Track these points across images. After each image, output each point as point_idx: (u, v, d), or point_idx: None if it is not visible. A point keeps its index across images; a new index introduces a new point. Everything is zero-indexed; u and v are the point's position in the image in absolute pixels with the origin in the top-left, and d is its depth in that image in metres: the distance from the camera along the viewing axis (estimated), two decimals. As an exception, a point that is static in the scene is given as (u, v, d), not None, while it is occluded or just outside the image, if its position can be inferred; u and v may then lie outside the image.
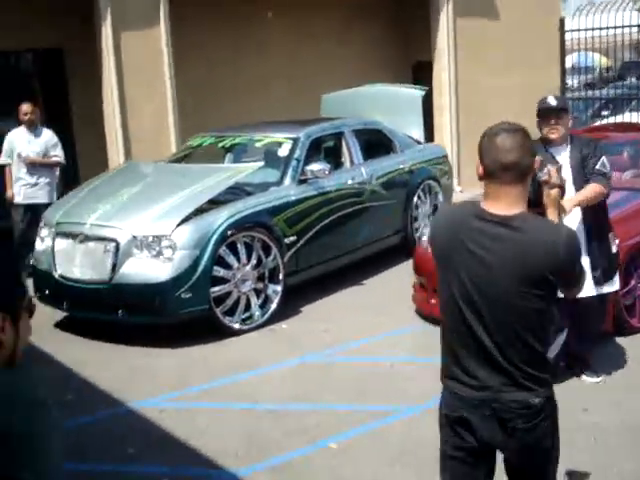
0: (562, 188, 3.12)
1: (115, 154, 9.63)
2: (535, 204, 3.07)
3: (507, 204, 2.66)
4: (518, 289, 2.63)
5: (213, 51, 11.38)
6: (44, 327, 6.99)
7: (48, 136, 8.75)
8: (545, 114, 5.10)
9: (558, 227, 2.87)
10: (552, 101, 5.13)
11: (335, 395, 5.42)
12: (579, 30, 13.47)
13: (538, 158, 2.80)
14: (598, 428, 4.70)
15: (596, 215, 5.12)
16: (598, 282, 5.13)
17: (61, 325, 7.12)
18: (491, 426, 2.71)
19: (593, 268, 5.05)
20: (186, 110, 10.17)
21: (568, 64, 17.24)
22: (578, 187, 5.03)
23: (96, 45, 9.65)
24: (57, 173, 8.89)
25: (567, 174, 4.95)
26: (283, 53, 12.10)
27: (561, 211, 4.51)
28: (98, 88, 9.77)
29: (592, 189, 5.00)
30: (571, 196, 4.89)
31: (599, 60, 20.97)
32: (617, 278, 5.32)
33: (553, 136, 5.08)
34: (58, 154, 8.73)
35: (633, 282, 6.06)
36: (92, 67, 9.80)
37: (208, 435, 4.90)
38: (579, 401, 5.04)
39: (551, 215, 3.13)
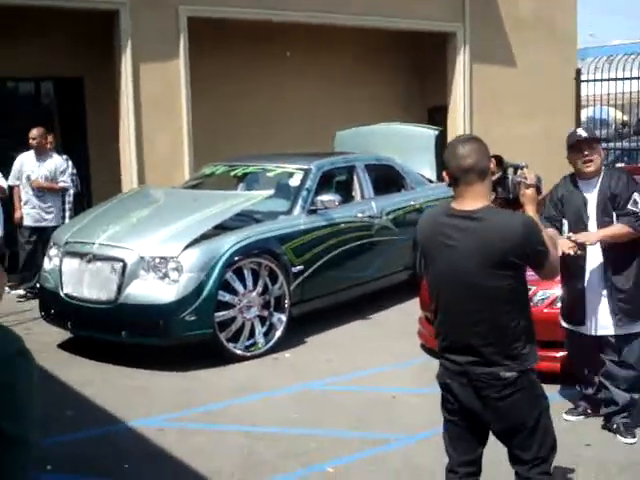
0: (538, 187, 3.38)
1: (129, 183, 9.71)
2: (514, 203, 3.42)
3: (471, 201, 3.10)
4: (485, 271, 3.03)
5: (229, 85, 11.52)
6: (50, 347, 7.03)
7: (57, 162, 8.93)
8: (576, 146, 4.85)
9: (515, 215, 3.18)
10: (582, 132, 4.95)
11: (334, 422, 5.37)
12: (595, 80, 13.56)
13: (493, 160, 3.22)
14: (600, 463, 4.63)
15: (622, 250, 4.82)
16: (622, 324, 4.84)
17: (66, 345, 7.12)
18: (468, 393, 3.14)
19: (612, 309, 4.84)
20: (200, 143, 10.26)
21: (583, 118, 17.39)
22: (600, 223, 4.84)
23: (115, 76, 9.80)
24: (69, 199, 9.02)
25: (591, 209, 4.87)
26: (298, 91, 12.23)
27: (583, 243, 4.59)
28: (115, 117, 9.90)
29: (620, 228, 4.77)
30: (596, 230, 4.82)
31: (614, 115, 21.09)
32: None
33: (589, 169, 4.83)
34: (65, 180, 8.89)
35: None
36: (111, 97, 9.94)
37: (205, 455, 4.86)
38: (581, 436, 4.98)
39: (529, 212, 3.35)
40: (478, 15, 12.49)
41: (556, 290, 6.02)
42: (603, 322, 4.92)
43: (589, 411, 5.27)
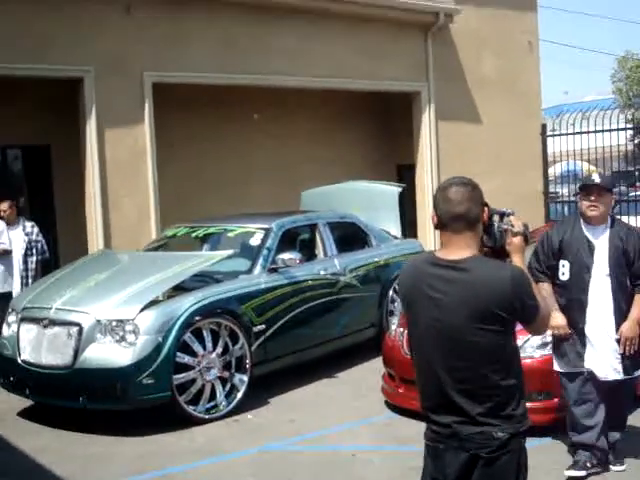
0: (525, 236, 3.16)
1: (95, 247, 9.69)
2: (500, 252, 3.17)
3: (458, 249, 2.91)
4: (471, 326, 2.83)
5: (195, 148, 11.65)
6: (8, 415, 6.93)
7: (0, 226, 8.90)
8: (586, 190, 4.99)
9: (505, 266, 2.97)
10: (596, 178, 5.04)
11: (291, 482, 5.29)
12: (560, 135, 13.76)
13: (487, 209, 3.00)
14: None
15: (628, 300, 5.00)
16: (626, 369, 4.98)
17: (25, 413, 7.00)
18: (458, 458, 2.88)
19: (622, 355, 4.94)
20: (167, 206, 10.31)
21: (556, 172, 17.57)
22: (615, 278, 4.94)
23: (80, 142, 9.87)
24: (32, 265, 8.99)
25: (603, 260, 4.95)
26: (267, 151, 12.38)
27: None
28: (82, 183, 9.93)
29: None
30: (610, 287, 4.93)
31: (587, 168, 21.32)
32: None
33: (592, 213, 4.97)
34: (3, 241, 8.86)
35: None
36: (77, 162, 9.99)
37: (156, 520, 4.76)
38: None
39: (518, 263, 3.15)
40: (442, 74, 12.72)
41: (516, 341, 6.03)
42: (614, 366, 4.99)
43: (588, 465, 5.10)
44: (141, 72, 10.03)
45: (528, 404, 5.71)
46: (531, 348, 5.95)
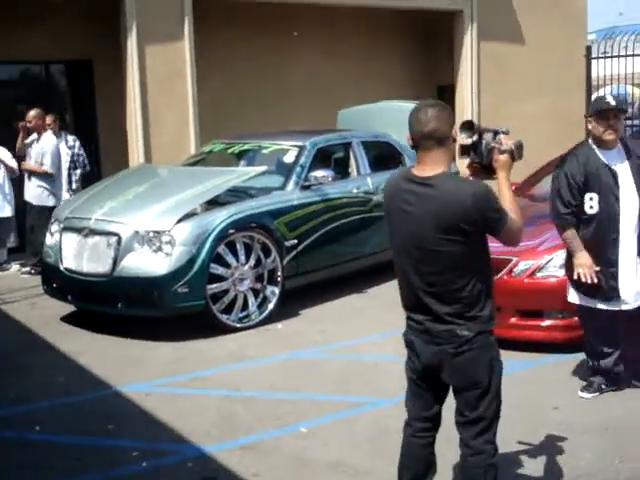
0: (511, 153, 3.31)
1: (135, 161, 9.92)
2: (487, 169, 3.36)
3: (430, 167, 3.15)
4: (436, 236, 3.11)
5: (235, 65, 11.70)
6: (52, 320, 7.30)
7: (45, 144, 9.18)
8: (603, 114, 4.87)
9: (470, 183, 3.21)
10: (611, 101, 4.90)
11: (314, 387, 5.56)
12: (605, 57, 13.49)
13: (456, 127, 3.19)
14: (565, 424, 4.77)
15: None
16: None
17: (68, 318, 7.37)
18: (429, 350, 3.24)
19: None
20: (207, 122, 10.45)
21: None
22: None
23: (121, 57, 10.01)
24: (75, 177, 9.34)
25: (629, 185, 4.89)
26: (305, 69, 12.37)
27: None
28: (123, 97, 10.12)
29: None
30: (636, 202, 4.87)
31: (633, 93, 20.84)
32: None
33: (610, 137, 4.88)
34: (45, 163, 9.14)
35: None
36: (119, 77, 10.15)
37: (186, 416, 5.07)
38: (552, 399, 5.12)
39: (502, 179, 3.31)
40: (485, -8, 12.50)
41: (539, 260, 6.16)
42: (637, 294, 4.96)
43: (603, 387, 5.24)
44: (182, -14, 10.06)
45: (549, 321, 6.05)
46: (553, 267, 6.05)
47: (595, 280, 4.86)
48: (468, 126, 3.40)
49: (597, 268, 4.91)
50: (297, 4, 11.25)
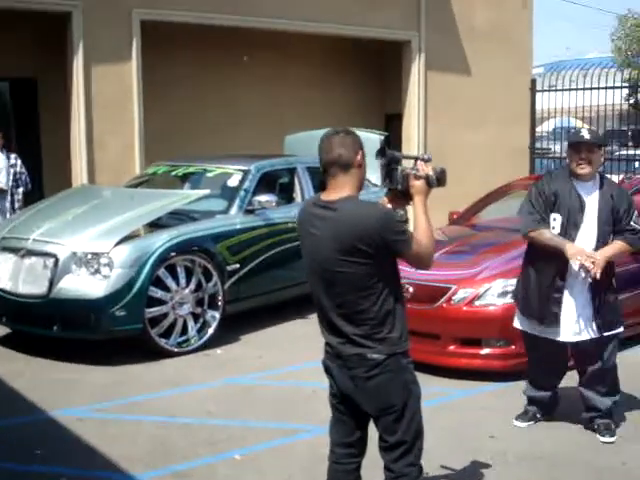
0: (427, 179, 3.37)
1: (79, 181, 9.77)
2: (404, 195, 3.41)
3: (335, 191, 3.25)
4: (338, 258, 3.18)
5: (184, 88, 11.66)
6: (-15, 342, 7.12)
7: None
8: (575, 147, 4.88)
9: (372, 206, 3.30)
10: (585, 134, 4.91)
11: (251, 413, 5.50)
12: (549, 90, 13.77)
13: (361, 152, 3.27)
14: (500, 453, 4.78)
15: (606, 267, 4.80)
16: (599, 328, 4.86)
17: (1, 340, 7.20)
18: (343, 375, 3.30)
19: (595, 316, 4.85)
20: (152, 145, 10.37)
21: (549, 128, 17.56)
22: (601, 234, 4.85)
23: (66, 77, 9.91)
24: (17, 197, 9.17)
25: (592, 217, 4.84)
26: (255, 95, 12.38)
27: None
28: (67, 118, 10.00)
29: (621, 247, 4.86)
30: (594, 246, 4.81)
31: (580, 126, 21.28)
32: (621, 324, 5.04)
33: (582, 171, 4.85)
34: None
35: None
36: (64, 97, 10.03)
37: (119, 443, 4.96)
38: (487, 427, 5.14)
39: (417, 203, 3.36)
40: (433, 24, 12.67)
41: (478, 288, 6.21)
42: (582, 326, 4.88)
43: (538, 416, 5.27)
44: (130, 8, 10.01)
45: (487, 350, 6.10)
46: (492, 296, 6.12)
47: (592, 267, 4.69)
48: (380, 151, 3.45)
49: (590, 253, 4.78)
50: (248, 28, 11.27)
